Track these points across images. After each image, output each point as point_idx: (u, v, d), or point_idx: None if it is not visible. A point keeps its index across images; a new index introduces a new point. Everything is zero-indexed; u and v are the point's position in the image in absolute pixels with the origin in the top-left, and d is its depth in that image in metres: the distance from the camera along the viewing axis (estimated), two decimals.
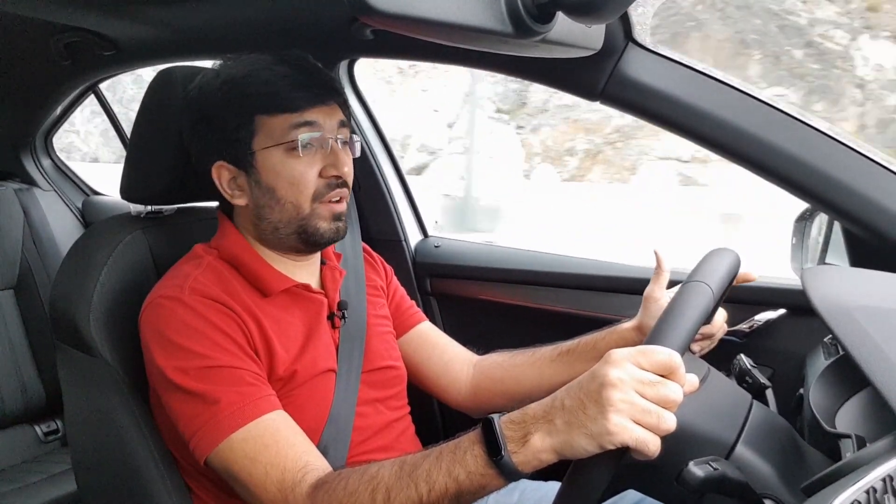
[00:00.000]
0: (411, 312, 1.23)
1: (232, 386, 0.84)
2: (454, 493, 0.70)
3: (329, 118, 0.95)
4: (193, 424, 0.84)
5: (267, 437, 0.83)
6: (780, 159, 0.98)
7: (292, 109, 0.92)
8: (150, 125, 1.05)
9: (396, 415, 1.08)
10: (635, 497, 1.03)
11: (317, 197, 0.95)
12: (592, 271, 1.45)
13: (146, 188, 1.06)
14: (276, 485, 0.80)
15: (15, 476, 1.71)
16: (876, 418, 0.78)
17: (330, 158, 0.94)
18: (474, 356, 1.21)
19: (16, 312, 1.90)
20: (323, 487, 0.78)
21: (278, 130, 0.92)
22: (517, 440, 0.67)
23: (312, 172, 0.94)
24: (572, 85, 1.08)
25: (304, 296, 1.01)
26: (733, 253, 0.88)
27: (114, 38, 1.51)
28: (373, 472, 0.76)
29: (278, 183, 0.94)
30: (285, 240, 0.98)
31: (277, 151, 0.93)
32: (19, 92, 1.92)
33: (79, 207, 2.22)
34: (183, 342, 0.86)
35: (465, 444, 0.71)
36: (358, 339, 1.05)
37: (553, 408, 0.67)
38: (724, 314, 1.02)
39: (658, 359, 0.65)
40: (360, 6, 0.53)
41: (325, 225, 0.96)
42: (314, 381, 0.96)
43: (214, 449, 0.83)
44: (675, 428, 0.63)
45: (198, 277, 0.92)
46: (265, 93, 0.92)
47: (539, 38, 0.70)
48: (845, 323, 0.72)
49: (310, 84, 0.94)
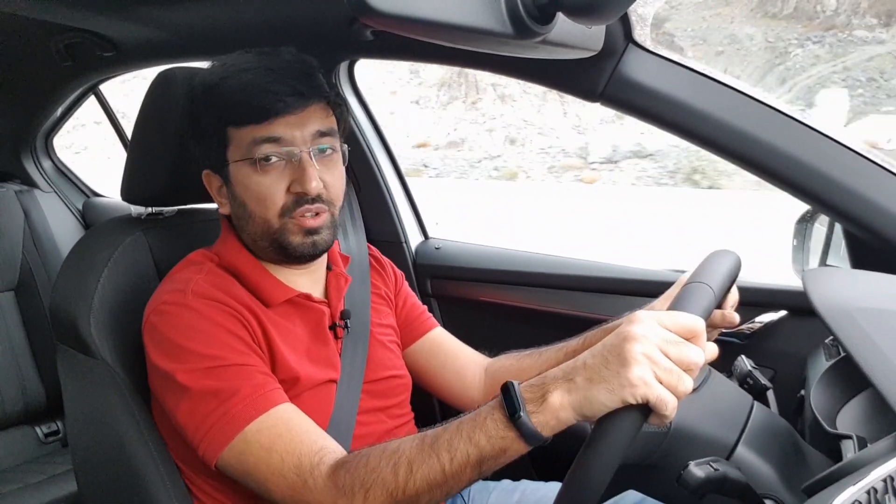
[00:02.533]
0: (424, 318, 1.21)
1: (244, 381, 0.84)
2: (476, 459, 0.70)
3: (300, 129, 0.90)
4: (205, 424, 0.83)
5: (280, 427, 0.82)
6: (780, 161, 0.97)
7: (257, 120, 0.88)
8: (150, 126, 1.05)
9: (398, 423, 1.07)
10: (636, 497, 1.02)
11: (285, 212, 0.91)
12: (593, 273, 1.45)
13: (147, 190, 1.06)
14: (293, 470, 0.79)
15: (15, 477, 1.71)
16: (877, 419, 0.78)
17: (297, 174, 0.90)
18: (485, 359, 1.20)
19: (16, 314, 1.90)
20: (344, 467, 0.77)
21: (245, 144, 0.90)
22: (535, 400, 0.67)
23: (279, 188, 0.90)
24: (572, 86, 1.08)
25: (306, 305, 0.99)
26: (734, 255, 0.88)
27: (114, 38, 1.51)
28: (393, 447, 0.76)
29: (247, 197, 0.91)
30: (266, 251, 0.96)
31: (245, 166, 0.90)
32: (20, 93, 1.92)
33: (79, 209, 2.22)
34: (192, 346, 0.85)
35: (484, 411, 0.71)
36: (360, 349, 1.04)
37: (574, 368, 0.67)
38: (734, 299, 0.99)
39: (682, 322, 0.66)
40: (361, 7, 0.53)
41: (297, 239, 0.92)
42: (315, 391, 0.95)
43: (229, 444, 0.82)
44: (691, 391, 0.64)
45: (199, 281, 0.91)
46: (233, 102, 0.89)
47: (539, 39, 0.70)
48: (846, 324, 0.72)
49: (276, 91, 0.88)
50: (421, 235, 1.70)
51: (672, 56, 1.02)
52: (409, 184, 1.68)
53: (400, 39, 1.14)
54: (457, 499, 1.15)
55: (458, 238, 1.70)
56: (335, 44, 1.37)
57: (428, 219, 1.71)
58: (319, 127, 0.92)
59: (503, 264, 1.56)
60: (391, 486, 0.73)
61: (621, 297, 1.39)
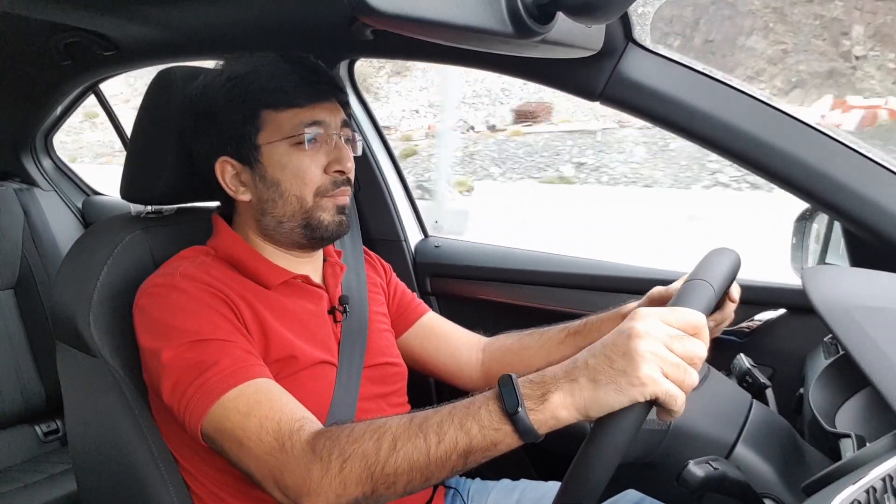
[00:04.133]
0: (415, 305, 1.24)
1: (225, 355, 0.84)
2: (464, 447, 0.68)
3: (333, 116, 0.97)
4: (185, 396, 0.82)
5: (260, 395, 0.81)
6: (780, 159, 0.98)
7: (299, 105, 0.94)
8: (150, 125, 1.05)
9: (397, 412, 1.08)
10: (635, 497, 1.03)
11: (320, 192, 0.96)
12: (592, 271, 1.45)
13: (146, 188, 1.06)
14: (271, 434, 0.77)
15: (15, 476, 1.71)
16: (876, 418, 0.78)
17: (334, 154, 0.96)
18: (482, 339, 1.22)
19: (16, 312, 1.90)
20: (325, 434, 0.75)
21: (286, 125, 0.94)
22: (535, 398, 0.67)
23: (317, 167, 0.96)
24: (572, 85, 1.08)
25: (305, 288, 1.02)
26: (734, 253, 0.88)
27: (114, 38, 1.51)
28: (380, 423, 0.74)
29: (283, 176, 0.95)
30: (289, 234, 0.99)
31: (283, 145, 0.94)
32: (19, 92, 1.92)
33: (79, 207, 2.22)
34: (176, 322, 0.86)
35: (479, 400, 0.70)
36: (360, 334, 1.06)
37: (575, 368, 0.66)
38: (737, 294, 1.00)
39: (685, 317, 0.66)
40: (360, 6, 0.53)
41: (328, 217, 0.97)
42: (313, 370, 0.96)
43: (208, 412, 0.80)
44: (697, 384, 0.64)
45: (188, 266, 0.93)
46: (271, 88, 0.94)
47: (539, 38, 0.70)
48: (845, 323, 0.72)
49: (314, 81, 0.96)
50: (420, 234, 1.70)
51: (672, 55, 1.02)
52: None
53: (400, 39, 1.14)
54: (456, 498, 1.16)
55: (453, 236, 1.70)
56: (335, 43, 1.37)
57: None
58: (343, 117, 1.00)
59: (503, 262, 1.56)
60: (371, 460, 0.71)
61: (621, 294, 1.39)
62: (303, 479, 0.74)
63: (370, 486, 0.71)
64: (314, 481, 0.73)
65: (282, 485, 0.76)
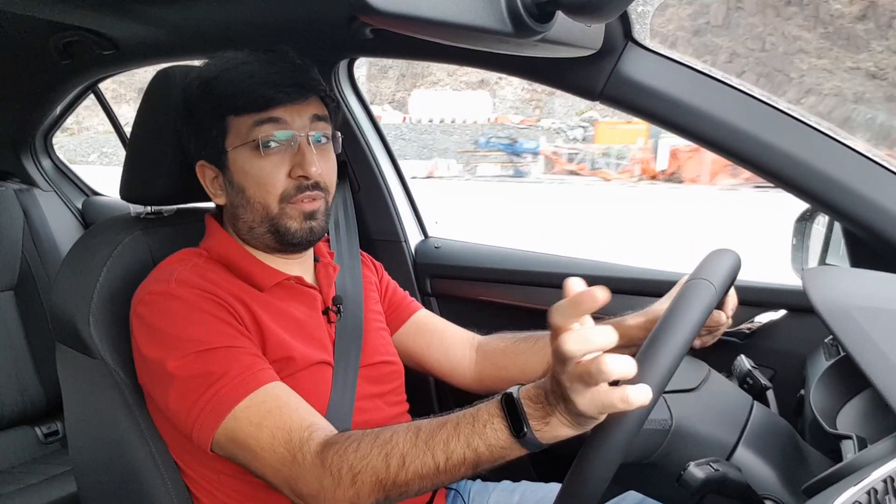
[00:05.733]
0: (407, 303, 1.24)
1: (232, 363, 0.84)
2: (472, 462, 0.71)
3: (298, 115, 0.94)
4: (196, 408, 0.83)
5: (270, 403, 0.83)
6: (779, 159, 0.97)
7: (256, 108, 0.92)
8: (148, 126, 1.05)
9: (396, 410, 1.08)
10: (636, 498, 1.02)
11: (285, 198, 0.94)
12: (592, 272, 1.45)
13: (146, 189, 1.06)
14: (283, 445, 0.79)
15: (15, 477, 1.71)
16: (877, 419, 0.78)
17: (297, 158, 0.93)
18: (476, 337, 1.22)
19: (16, 313, 1.90)
20: (332, 448, 0.77)
21: (244, 129, 0.93)
22: (539, 419, 0.68)
23: (280, 173, 0.93)
24: (572, 85, 1.08)
25: (298, 289, 1.02)
26: (734, 253, 0.88)
27: (113, 37, 1.51)
28: (386, 437, 0.76)
29: (247, 182, 0.94)
30: (262, 238, 0.98)
31: (245, 151, 0.93)
32: (18, 91, 1.92)
33: (78, 208, 2.22)
34: (178, 332, 0.86)
35: (483, 416, 0.71)
36: (355, 334, 1.05)
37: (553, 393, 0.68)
38: (734, 302, 0.99)
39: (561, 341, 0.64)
40: (361, 5, 0.52)
41: (295, 225, 0.95)
42: (310, 372, 0.96)
43: (221, 424, 0.82)
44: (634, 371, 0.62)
45: (182, 271, 0.92)
46: (232, 93, 0.92)
47: (539, 37, 0.70)
48: (846, 324, 0.72)
49: (277, 82, 0.92)
50: (420, 234, 1.70)
51: (671, 54, 1.02)
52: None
53: (399, 38, 1.14)
54: (457, 499, 1.15)
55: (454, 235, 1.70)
56: (335, 42, 1.36)
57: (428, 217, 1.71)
58: (316, 112, 0.96)
59: (503, 263, 1.56)
60: (381, 475, 0.74)
61: (622, 296, 1.39)
62: (317, 490, 0.77)
63: (382, 493, 0.75)
64: (328, 490, 0.76)
65: (297, 493, 0.79)
